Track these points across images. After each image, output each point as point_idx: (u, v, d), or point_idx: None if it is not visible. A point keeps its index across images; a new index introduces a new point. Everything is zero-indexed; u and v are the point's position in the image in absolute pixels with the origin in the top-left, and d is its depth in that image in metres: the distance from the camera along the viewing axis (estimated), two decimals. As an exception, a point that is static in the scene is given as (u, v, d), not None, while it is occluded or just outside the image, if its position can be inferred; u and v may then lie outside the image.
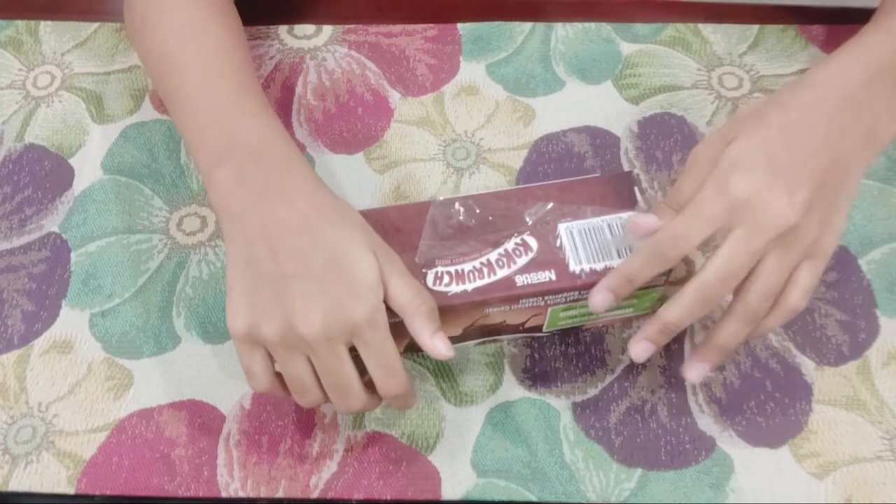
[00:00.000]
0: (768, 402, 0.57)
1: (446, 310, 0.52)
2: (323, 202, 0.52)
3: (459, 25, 0.75)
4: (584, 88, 0.71)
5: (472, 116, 0.70)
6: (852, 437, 0.55)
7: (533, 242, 0.53)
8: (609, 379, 0.58)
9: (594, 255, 0.52)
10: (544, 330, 0.57)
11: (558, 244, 0.53)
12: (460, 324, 0.54)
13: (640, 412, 0.57)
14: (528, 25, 0.75)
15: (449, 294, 0.52)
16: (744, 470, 0.54)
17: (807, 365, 0.58)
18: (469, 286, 0.52)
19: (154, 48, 0.61)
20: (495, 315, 0.54)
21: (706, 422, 0.56)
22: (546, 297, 0.53)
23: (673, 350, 0.59)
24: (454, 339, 0.56)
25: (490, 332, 0.56)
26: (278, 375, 0.51)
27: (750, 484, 0.54)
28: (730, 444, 0.55)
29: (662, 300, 0.60)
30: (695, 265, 0.62)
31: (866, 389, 0.57)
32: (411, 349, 0.57)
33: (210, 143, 0.55)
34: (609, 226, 0.53)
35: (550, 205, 0.54)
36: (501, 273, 0.52)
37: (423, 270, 0.52)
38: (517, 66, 0.72)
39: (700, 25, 0.74)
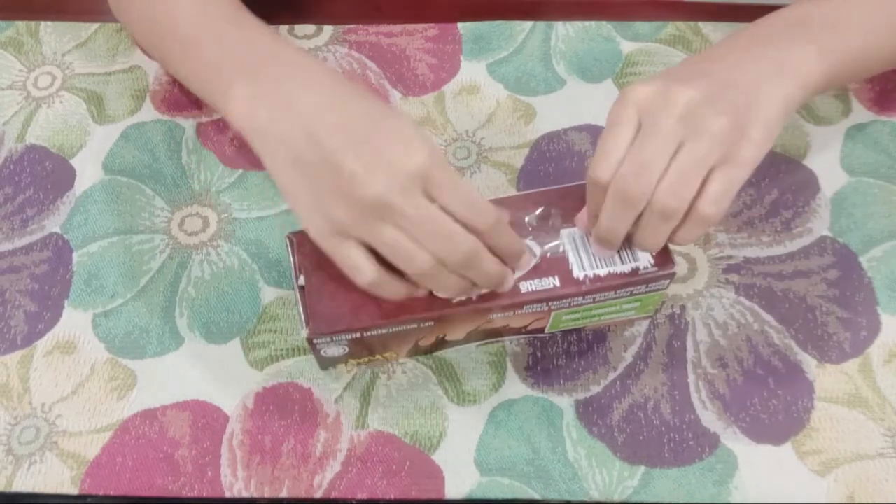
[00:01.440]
0: (771, 399, 0.57)
1: (451, 317, 0.52)
2: (345, 80, 0.51)
3: (460, 25, 0.75)
4: (584, 87, 0.71)
5: (473, 116, 0.70)
6: (854, 435, 0.55)
7: (536, 248, 0.53)
8: (612, 376, 0.58)
9: (597, 261, 0.52)
10: (547, 331, 0.57)
11: (561, 250, 0.53)
12: (464, 329, 0.54)
13: (643, 409, 0.57)
14: (528, 24, 0.75)
15: (453, 301, 0.52)
16: (747, 467, 0.55)
17: (808, 362, 0.58)
18: (473, 292, 0.52)
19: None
20: (499, 320, 0.54)
21: (710, 418, 0.56)
22: (550, 303, 0.53)
23: (675, 348, 0.59)
24: (457, 342, 0.56)
25: (493, 334, 0.56)
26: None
27: (753, 481, 0.54)
28: (734, 440, 0.55)
29: (663, 302, 0.60)
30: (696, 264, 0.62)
31: (868, 387, 0.57)
32: (416, 352, 0.57)
33: (221, 70, 0.53)
34: None
35: (552, 210, 0.54)
36: None
37: None
38: (518, 65, 0.72)
39: (700, 24, 0.74)
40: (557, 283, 0.52)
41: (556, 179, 0.66)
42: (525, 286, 0.52)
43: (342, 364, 0.57)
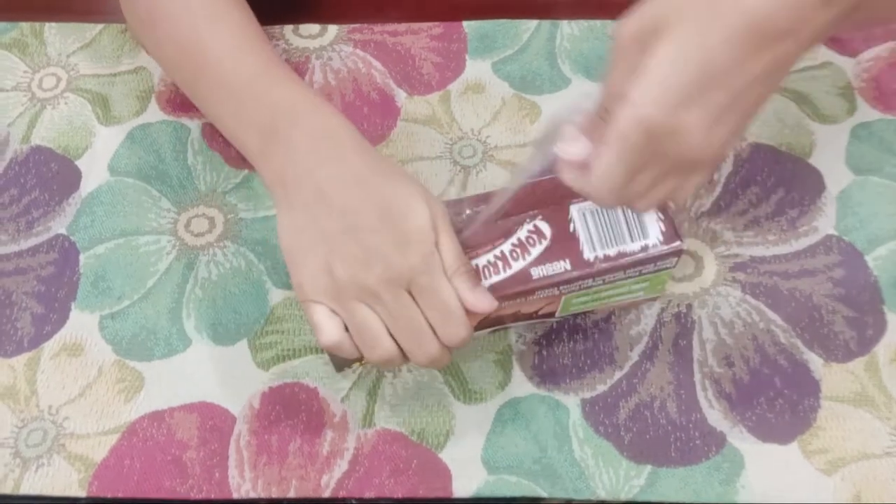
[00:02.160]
0: (777, 398, 0.57)
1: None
2: (372, 157, 0.53)
3: (465, 24, 0.75)
4: (589, 86, 0.71)
5: (479, 114, 0.70)
6: (861, 434, 0.55)
7: (546, 229, 0.53)
8: (618, 375, 0.58)
9: (607, 240, 0.52)
10: (556, 316, 0.57)
11: (571, 228, 0.53)
12: (474, 318, 0.54)
13: (649, 408, 0.57)
14: (533, 23, 0.75)
15: None
16: (754, 466, 0.55)
17: (814, 361, 0.58)
18: (486, 283, 0.52)
19: (170, 36, 0.61)
20: (510, 307, 0.54)
21: (716, 417, 0.56)
22: (561, 287, 0.53)
23: (681, 346, 0.59)
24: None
25: (502, 321, 0.56)
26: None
27: (759, 480, 0.54)
28: (740, 439, 0.56)
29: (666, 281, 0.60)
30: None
31: (874, 385, 0.57)
32: None
33: (253, 121, 0.55)
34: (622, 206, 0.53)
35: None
36: (516, 266, 0.52)
37: None
38: (523, 63, 0.72)
39: (704, 22, 0.74)
40: (568, 267, 0.52)
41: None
42: (536, 272, 0.52)
43: (357, 364, 0.57)
